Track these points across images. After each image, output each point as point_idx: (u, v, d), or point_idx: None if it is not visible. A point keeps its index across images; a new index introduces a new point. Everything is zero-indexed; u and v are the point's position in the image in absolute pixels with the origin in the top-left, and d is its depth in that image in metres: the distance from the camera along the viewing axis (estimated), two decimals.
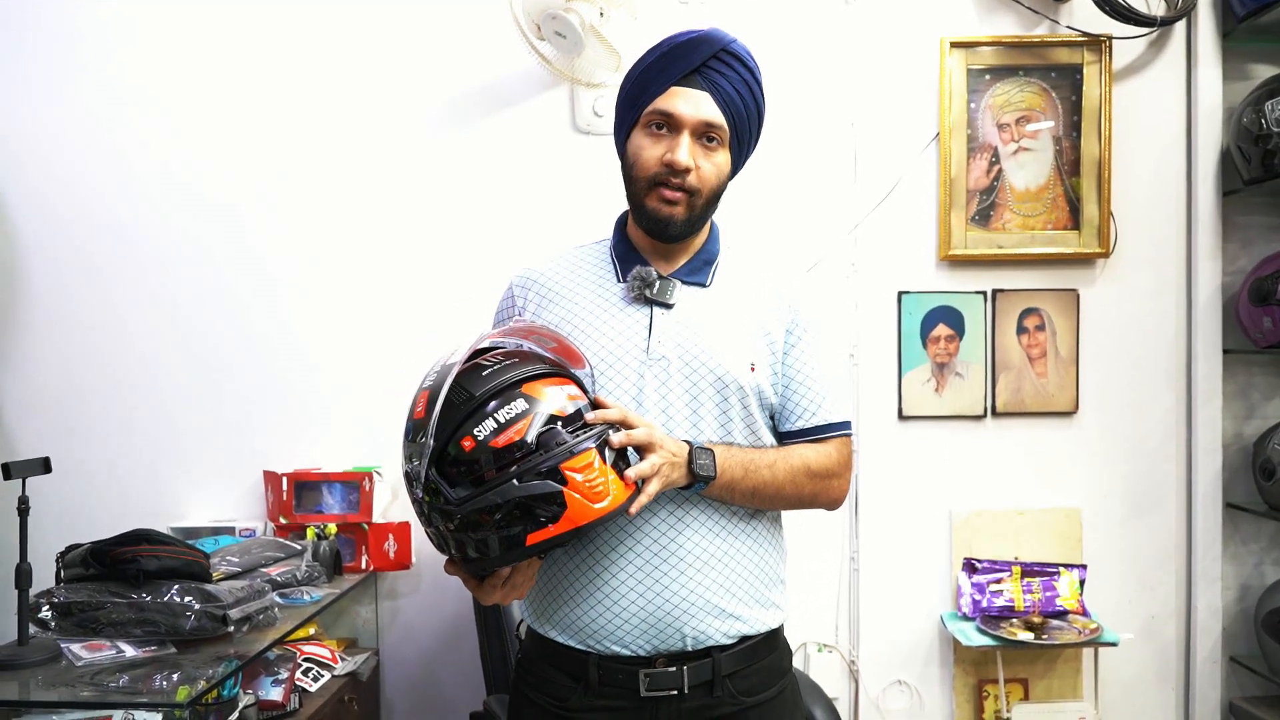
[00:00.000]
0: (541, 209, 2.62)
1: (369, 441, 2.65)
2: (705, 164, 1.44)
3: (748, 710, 1.44)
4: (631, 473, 1.28)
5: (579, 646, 1.42)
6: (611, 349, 1.43)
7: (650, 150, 1.43)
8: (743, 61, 1.46)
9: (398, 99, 2.65)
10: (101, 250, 2.64)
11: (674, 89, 1.42)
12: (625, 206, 1.55)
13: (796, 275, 1.59)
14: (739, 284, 1.52)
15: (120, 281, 2.64)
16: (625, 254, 1.52)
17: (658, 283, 1.45)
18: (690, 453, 1.36)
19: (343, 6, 2.64)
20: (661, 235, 1.47)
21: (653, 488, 1.30)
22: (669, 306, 1.46)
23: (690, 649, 1.40)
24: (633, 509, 1.27)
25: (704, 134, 1.43)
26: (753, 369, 1.45)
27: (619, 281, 1.49)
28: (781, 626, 1.52)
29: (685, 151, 1.41)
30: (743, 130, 1.47)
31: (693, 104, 1.42)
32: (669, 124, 1.42)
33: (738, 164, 1.51)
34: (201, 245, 2.65)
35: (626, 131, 1.48)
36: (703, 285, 1.50)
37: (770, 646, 1.49)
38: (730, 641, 1.42)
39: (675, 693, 1.40)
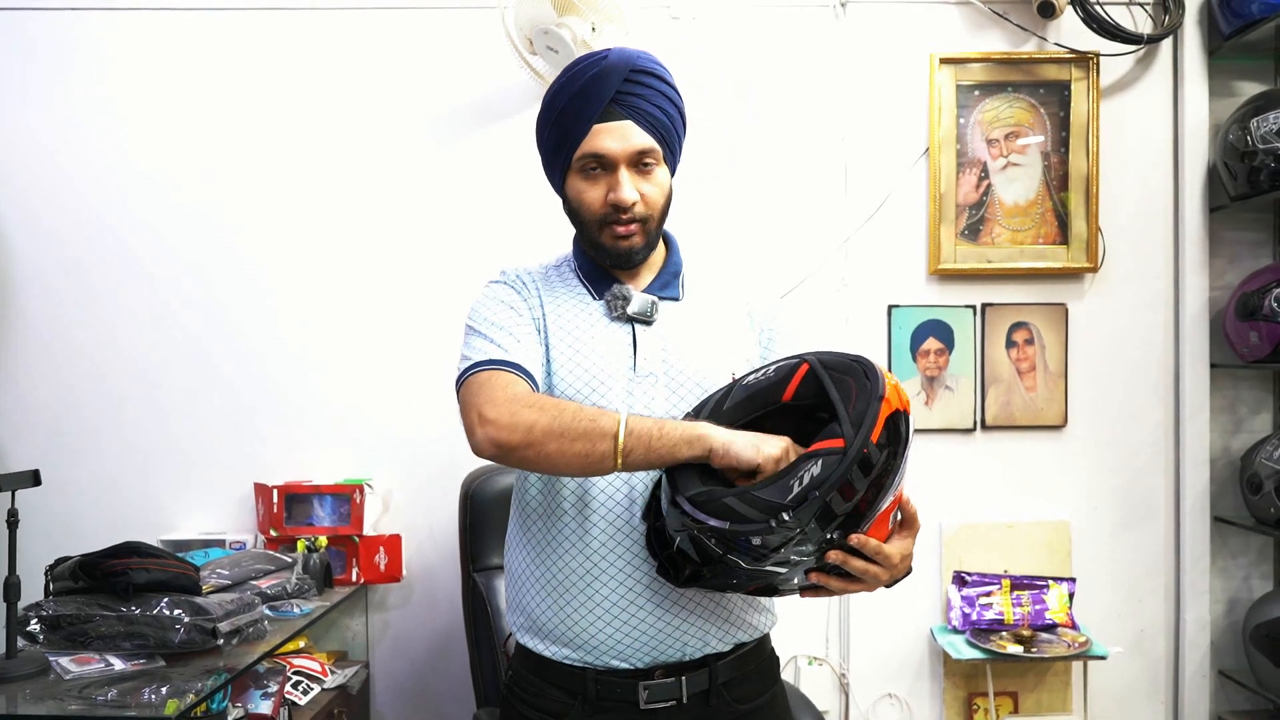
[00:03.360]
0: (533, 222, 2.62)
1: (360, 454, 2.65)
2: (648, 188, 1.43)
3: (742, 717, 1.45)
4: (856, 567, 1.23)
5: (576, 662, 1.41)
6: (603, 366, 1.43)
7: (591, 193, 1.43)
8: (652, 74, 1.43)
9: (391, 113, 2.65)
10: (93, 263, 2.64)
11: (596, 127, 1.40)
12: None
13: (760, 283, 1.60)
14: (708, 295, 1.54)
15: (111, 294, 2.64)
16: (592, 273, 1.51)
17: (636, 300, 1.45)
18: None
19: (334, 22, 2.65)
20: (626, 265, 1.48)
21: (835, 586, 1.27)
22: (649, 324, 1.46)
23: (689, 659, 1.41)
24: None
25: (638, 161, 1.42)
26: (733, 378, 1.46)
27: (595, 300, 1.49)
28: (769, 634, 1.54)
29: (628, 188, 1.40)
30: (671, 140, 1.47)
31: (618, 137, 1.40)
32: (602, 163, 1.41)
33: (673, 167, 1.50)
34: (193, 259, 2.65)
35: (561, 175, 1.47)
36: (675, 299, 1.51)
37: (760, 654, 1.51)
38: (726, 649, 1.44)
39: (674, 704, 1.41)
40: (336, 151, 2.65)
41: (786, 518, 1.14)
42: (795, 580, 1.26)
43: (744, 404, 1.30)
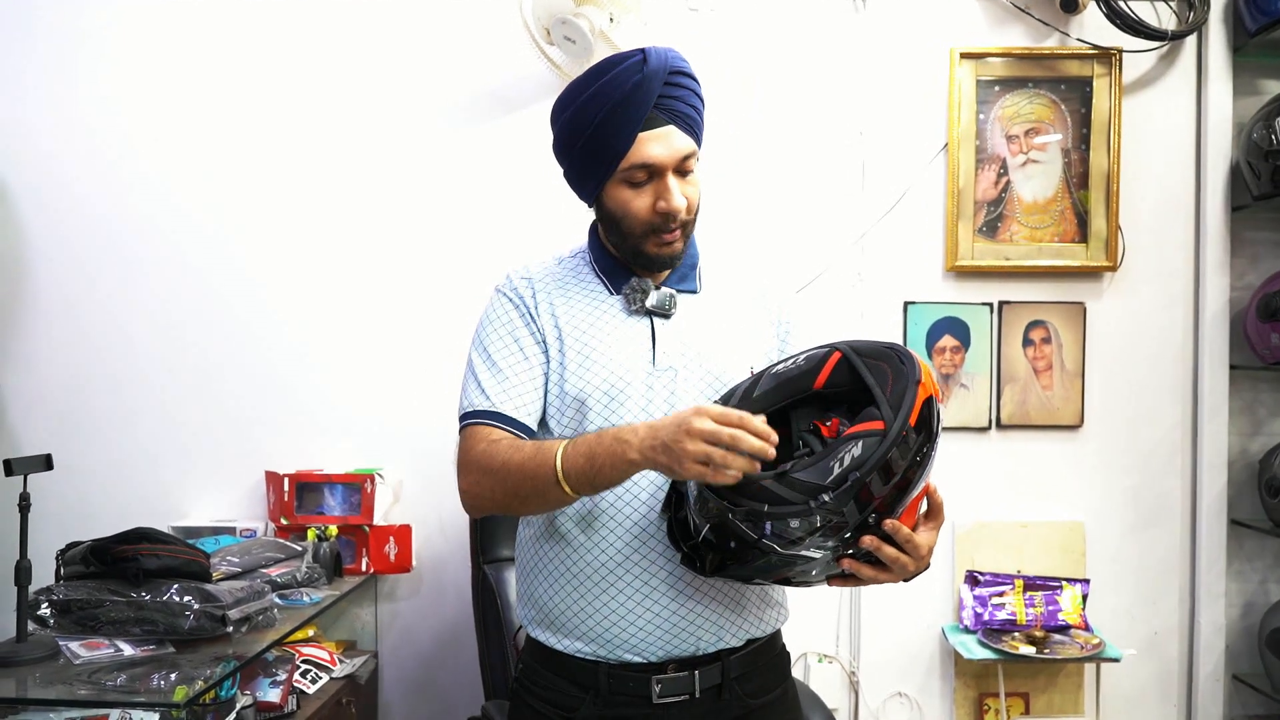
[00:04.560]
0: (548, 213, 2.61)
1: (371, 443, 2.64)
2: (690, 190, 1.41)
3: (753, 713, 1.44)
4: (888, 555, 1.22)
5: (589, 656, 1.40)
6: (621, 361, 1.41)
7: (638, 202, 1.39)
8: (686, 74, 1.40)
9: (405, 103, 2.65)
10: (107, 249, 2.64)
11: (642, 135, 1.35)
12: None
13: (775, 276, 1.59)
14: (724, 287, 1.53)
15: (125, 280, 2.64)
16: (609, 267, 1.49)
17: (655, 293, 1.44)
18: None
19: (347, 9, 2.64)
20: (664, 269, 1.47)
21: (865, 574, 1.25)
22: (668, 317, 1.45)
23: (701, 654, 1.40)
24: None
25: (680, 165, 1.39)
26: (752, 371, 1.45)
27: (612, 294, 1.47)
28: (781, 630, 1.53)
29: (678, 195, 1.38)
30: (701, 136, 1.44)
31: (665, 144, 1.37)
32: (650, 172, 1.38)
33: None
34: (207, 246, 2.64)
35: (597, 184, 1.41)
36: (693, 292, 1.49)
37: (772, 649, 1.50)
38: (739, 644, 1.43)
39: (686, 698, 1.40)
40: (351, 139, 2.64)
41: (826, 499, 1.14)
42: (817, 570, 1.25)
43: (773, 392, 1.30)
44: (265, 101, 2.64)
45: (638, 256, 1.44)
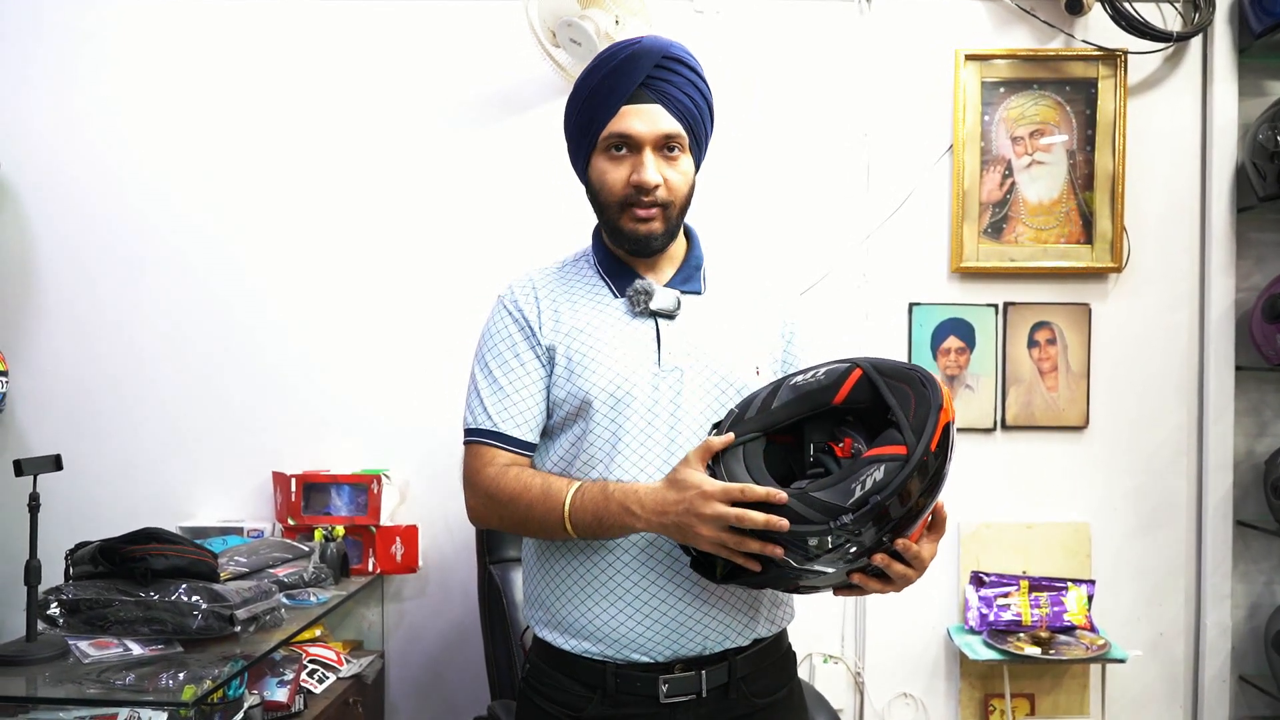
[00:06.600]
0: (554, 214, 2.62)
1: (378, 444, 2.65)
2: (671, 174, 1.42)
3: (759, 712, 1.45)
4: (897, 571, 1.24)
5: (596, 655, 1.41)
6: (627, 363, 1.42)
7: (614, 174, 1.42)
8: (684, 64, 1.43)
9: (410, 104, 2.65)
10: (114, 251, 2.65)
11: (625, 108, 1.40)
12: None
13: (780, 277, 1.60)
14: (730, 288, 1.54)
15: (132, 281, 2.65)
16: (613, 269, 1.50)
17: (659, 295, 1.44)
18: None
19: (354, 12, 2.65)
20: (644, 252, 1.47)
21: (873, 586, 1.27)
22: (672, 318, 1.45)
23: (708, 653, 1.41)
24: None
25: (664, 146, 1.41)
26: (758, 373, 1.47)
27: (616, 297, 1.48)
28: (786, 630, 1.53)
29: (651, 169, 1.40)
30: (699, 131, 1.46)
31: (647, 119, 1.40)
32: (628, 144, 1.41)
33: (698, 162, 1.50)
34: (215, 246, 2.66)
35: (585, 158, 1.46)
36: (698, 293, 1.50)
37: (778, 649, 1.51)
38: (745, 644, 1.43)
39: (693, 697, 1.40)
40: (356, 140, 2.65)
41: (846, 520, 1.16)
42: (826, 581, 1.26)
43: (792, 404, 1.31)
44: (270, 103, 2.65)
45: (616, 233, 1.46)
